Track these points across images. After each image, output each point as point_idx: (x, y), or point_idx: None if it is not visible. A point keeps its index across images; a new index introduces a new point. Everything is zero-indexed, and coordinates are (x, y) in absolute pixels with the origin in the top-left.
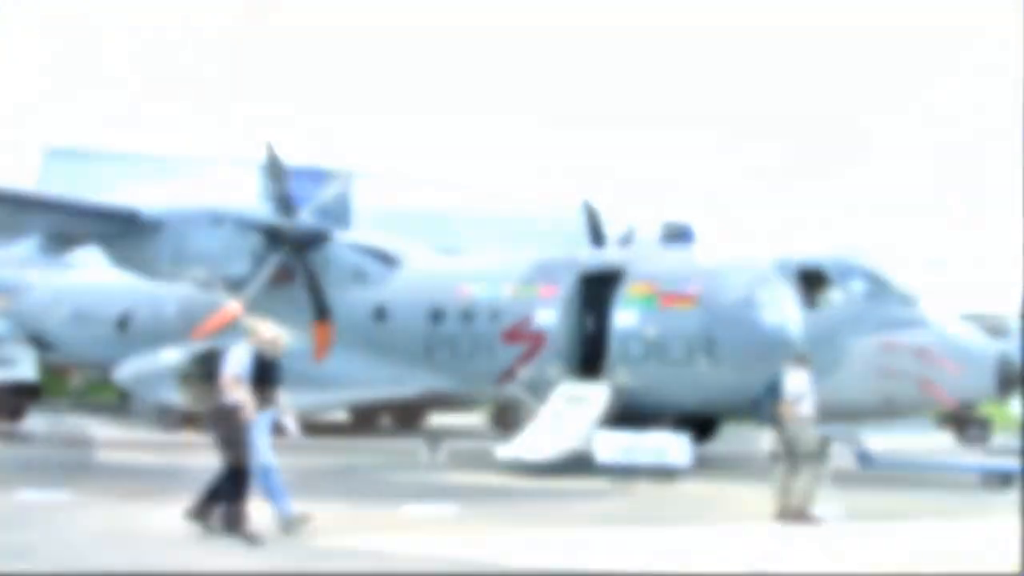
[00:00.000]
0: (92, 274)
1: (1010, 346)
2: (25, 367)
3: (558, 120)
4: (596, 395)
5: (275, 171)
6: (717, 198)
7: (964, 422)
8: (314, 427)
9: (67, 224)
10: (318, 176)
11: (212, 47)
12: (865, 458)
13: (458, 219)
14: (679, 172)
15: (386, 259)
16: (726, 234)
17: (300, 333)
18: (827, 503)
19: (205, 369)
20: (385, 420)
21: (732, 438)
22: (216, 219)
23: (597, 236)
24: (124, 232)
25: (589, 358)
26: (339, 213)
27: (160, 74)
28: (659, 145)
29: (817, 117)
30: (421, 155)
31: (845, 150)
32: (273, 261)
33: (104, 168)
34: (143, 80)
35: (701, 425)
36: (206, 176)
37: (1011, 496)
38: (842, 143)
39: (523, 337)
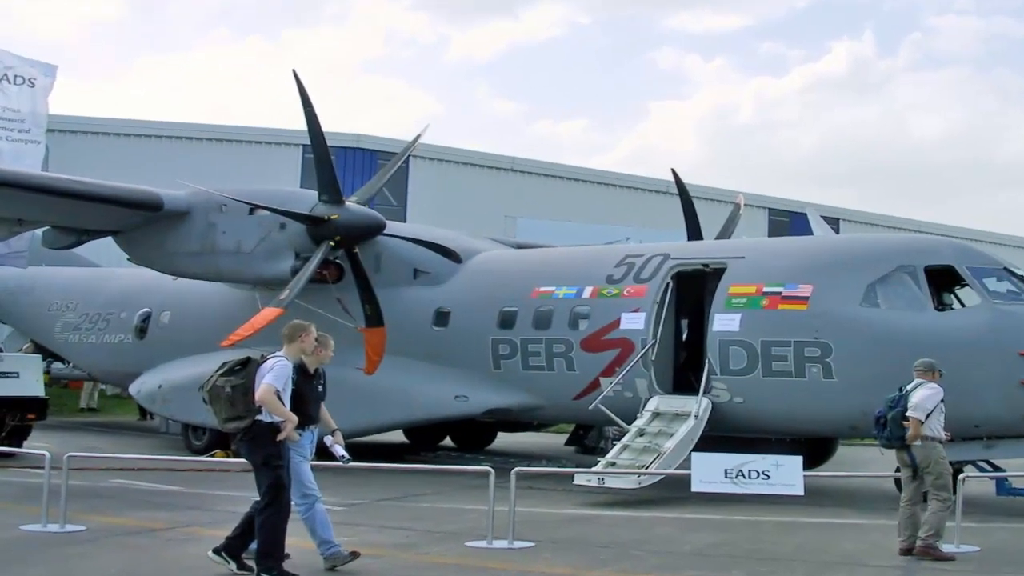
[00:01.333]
0: (106, 271)
1: None
2: (30, 380)
3: None
4: (692, 412)
5: (320, 150)
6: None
7: None
8: (365, 450)
9: (77, 212)
10: (369, 157)
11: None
12: (1004, 484)
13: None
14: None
15: (448, 254)
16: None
17: (348, 341)
18: (959, 537)
19: (238, 382)
20: (447, 442)
21: (845, 460)
22: (252, 206)
23: (692, 222)
24: (144, 221)
25: (684, 369)
26: (394, 199)
27: (184, 33)
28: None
29: None
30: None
31: None
32: (317, 256)
33: (115, 145)
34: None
35: (813, 446)
36: (240, 155)
37: None
38: None
39: (607, 345)
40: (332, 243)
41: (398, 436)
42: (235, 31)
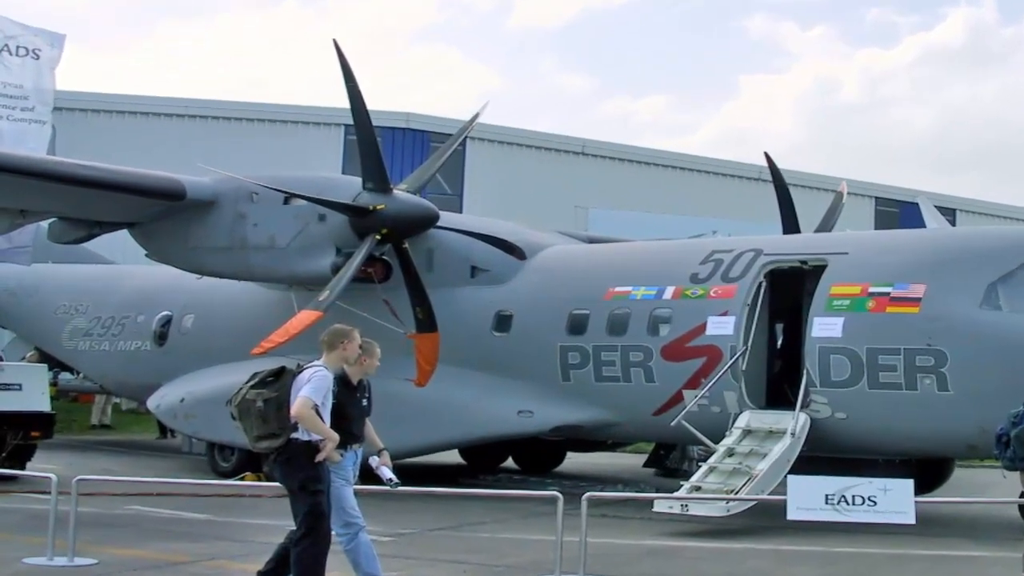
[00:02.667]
0: (121, 269)
1: None
2: (34, 393)
3: None
4: (788, 429)
5: (364, 131)
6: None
7: None
8: (416, 472)
9: (87, 202)
10: (421, 139)
11: None
12: None
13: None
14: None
15: (510, 249)
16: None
17: (397, 348)
18: None
19: (271, 395)
20: (509, 463)
21: (961, 483)
22: (287, 194)
23: (788, 213)
24: (163, 212)
25: (778, 381)
26: (448, 187)
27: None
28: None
29: None
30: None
31: None
32: (362, 252)
33: (131, 125)
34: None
35: (926, 469)
36: (273, 137)
37: None
38: None
39: (691, 353)
40: (378, 237)
41: (453, 457)
42: None
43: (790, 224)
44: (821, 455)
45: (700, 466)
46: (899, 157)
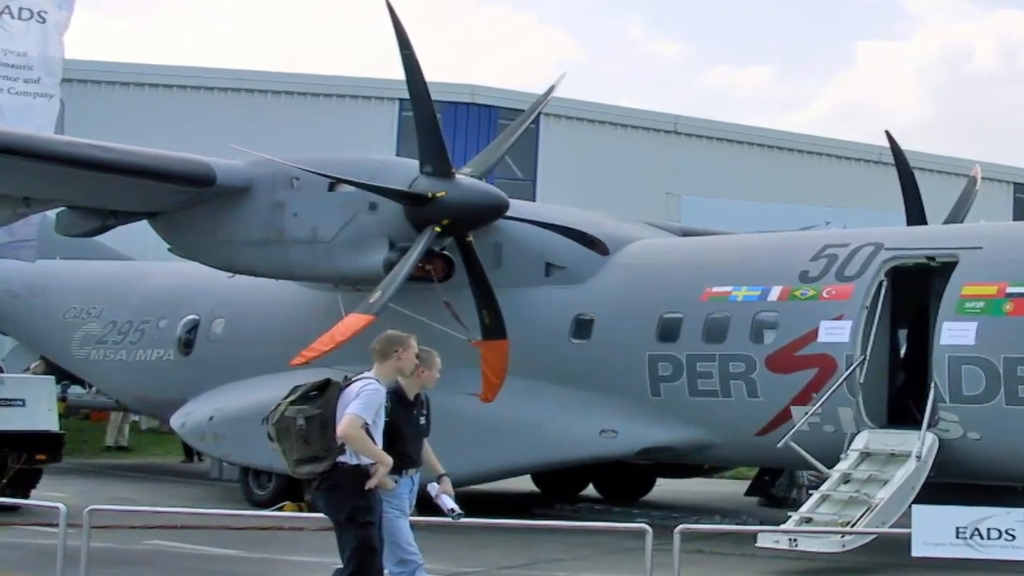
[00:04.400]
0: (140, 267)
1: None
2: (39, 410)
3: None
4: (913, 452)
5: (422, 106)
6: None
7: None
8: (481, 501)
9: (101, 188)
10: (488, 115)
11: None
12: None
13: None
14: None
15: (591, 243)
16: None
17: (459, 358)
18: None
19: (314, 412)
20: (590, 491)
21: None
22: (332, 179)
23: (913, 201)
24: (190, 200)
25: (902, 396)
26: (520, 171)
27: None
28: None
29: None
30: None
31: None
32: (419, 247)
33: (151, 99)
34: None
35: None
36: (317, 113)
37: None
38: None
39: (801, 363)
40: (438, 229)
41: (525, 484)
42: None
43: (915, 214)
44: (951, 482)
45: (811, 494)
46: None
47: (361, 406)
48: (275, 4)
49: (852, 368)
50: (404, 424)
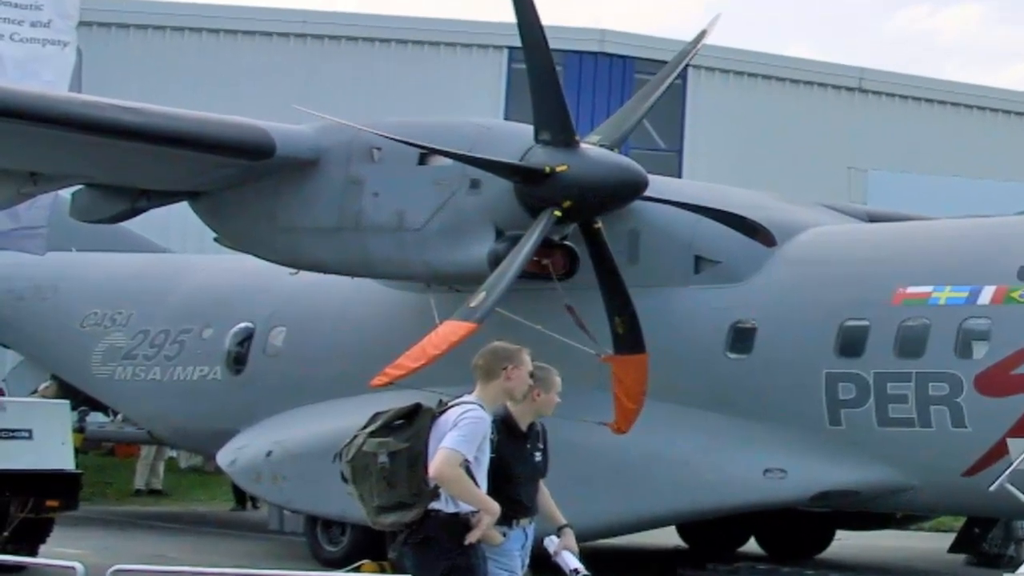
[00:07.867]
0: (178, 261)
1: None
2: (50, 443)
3: None
4: None
5: (538, 56)
6: None
7: None
8: (614, 558)
9: (129, 161)
10: (621, 68)
11: None
12: None
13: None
14: None
15: (753, 231)
16: None
17: (586, 377)
18: None
19: (400, 447)
20: (751, 546)
21: None
22: (424, 150)
23: None
24: (242, 176)
25: None
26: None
27: None
28: None
29: None
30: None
31: None
32: (534, 236)
33: (192, 47)
34: None
35: None
36: (403, 65)
37: None
38: None
39: (1021, 385)
40: (558, 213)
41: (670, 537)
42: None
43: None
44: None
45: None
46: None
47: (460, 439)
48: None
49: None
50: (514, 462)
